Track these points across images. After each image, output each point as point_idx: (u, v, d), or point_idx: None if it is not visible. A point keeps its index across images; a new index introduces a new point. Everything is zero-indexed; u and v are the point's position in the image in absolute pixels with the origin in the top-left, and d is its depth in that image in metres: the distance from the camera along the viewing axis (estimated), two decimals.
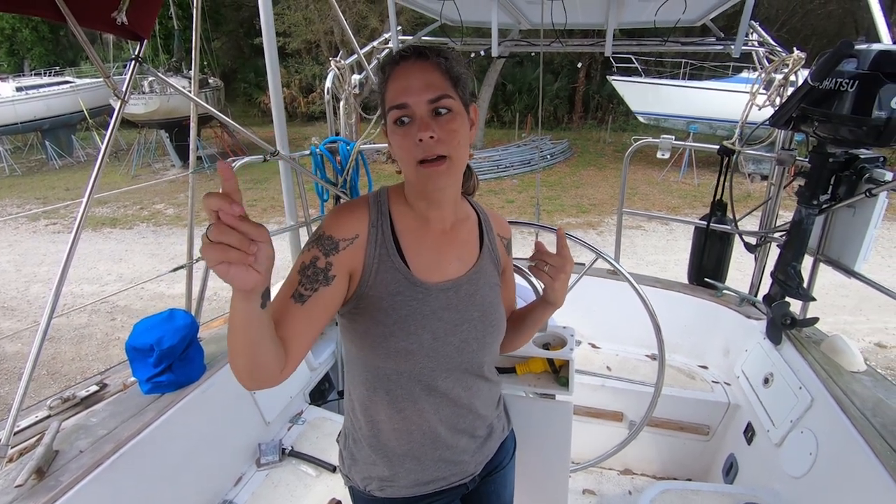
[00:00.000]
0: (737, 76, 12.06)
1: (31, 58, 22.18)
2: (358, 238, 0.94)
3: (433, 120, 0.87)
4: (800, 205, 1.95)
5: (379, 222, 0.96)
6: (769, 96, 2.34)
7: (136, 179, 13.91)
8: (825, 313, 2.23)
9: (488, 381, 1.11)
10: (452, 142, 0.88)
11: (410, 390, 1.00)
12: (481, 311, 1.03)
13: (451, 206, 1.02)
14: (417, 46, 0.90)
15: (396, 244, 0.96)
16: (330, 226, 0.94)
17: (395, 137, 0.90)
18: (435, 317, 0.97)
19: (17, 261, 8.45)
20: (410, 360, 0.96)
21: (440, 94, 0.87)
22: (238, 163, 2.14)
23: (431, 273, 0.98)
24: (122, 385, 1.70)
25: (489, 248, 1.08)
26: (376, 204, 0.99)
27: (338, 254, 0.91)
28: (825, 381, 1.76)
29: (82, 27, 1.38)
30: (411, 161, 0.88)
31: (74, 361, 5.45)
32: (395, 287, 0.95)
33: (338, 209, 0.98)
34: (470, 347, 1.01)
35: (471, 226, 1.08)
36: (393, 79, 0.89)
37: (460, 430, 1.08)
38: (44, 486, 1.26)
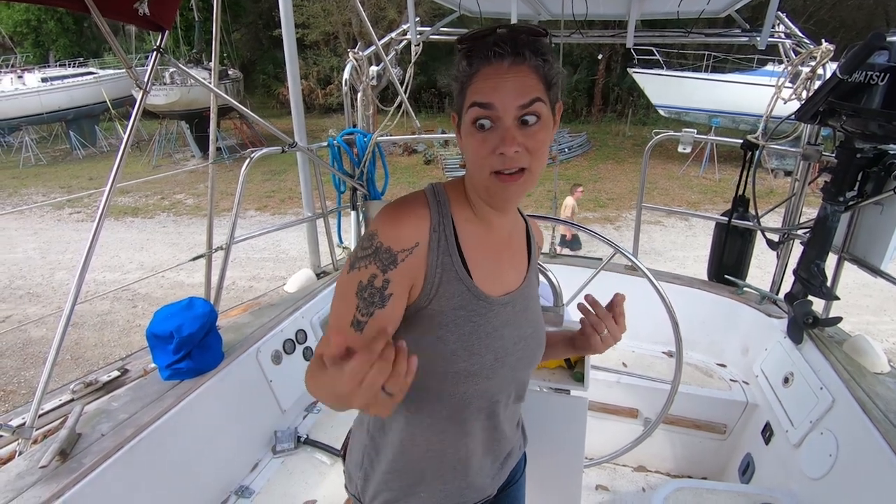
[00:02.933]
0: (761, 69, 11.82)
1: (56, 49, 22.60)
2: (418, 246, 0.82)
3: (519, 130, 0.76)
4: (825, 201, 1.91)
5: (441, 226, 0.85)
6: (795, 90, 2.28)
7: (157, 169, 14.15)
8: (848, 313, 2.18)
9: (520, 402, 1.04)
10: (536, 154, 0.78)
11: (459, 412, 0.91)
12: (534, 328, 0.96)
13: (512, 215, 0.94)
14: (515, 40, 0.76)
15: (459, 251, 0.86)
16: (387, 234, 0.81)
17: (470, 140, 0.79)
18: (497, 335, 0.88)
19: (42, 248, 8.66)
20: (469, 382, 0.87)
21: (533, 99, 0.76)
22: (257, 154, 2.16)
23: (493, 285, 0.89)
24: (143, 371, 1.73)
25: (534, 257, 1.01)
26: (436, 204, 0.86)
27: (396, 268, 0.80)
28: (847, 381, 1.72)
29: (106, 18, 1.39)
30: (486, 171, 0.79)
31: (97, 347, 5.59)
32: (458, 300, 0.84)
33: (393, 212, 0.83)
34: (522, 366, 0.94)
35: (521, 233, 0.99)
36: (482, 75, 0.77)
37: (490, 453, 1.01)
38: (67, 468, 1.29)
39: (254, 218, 9.90)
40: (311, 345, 2.28)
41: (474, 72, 0.78)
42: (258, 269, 7.31)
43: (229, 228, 2.05)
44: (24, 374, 5.14)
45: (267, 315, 2.17)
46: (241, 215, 2.11)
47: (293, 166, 2.77)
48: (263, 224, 9.10)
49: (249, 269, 7.28)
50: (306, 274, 2.57)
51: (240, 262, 7.35)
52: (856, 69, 1.58)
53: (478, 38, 0.79)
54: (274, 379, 2.02)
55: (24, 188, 12.91)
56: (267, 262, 7.56)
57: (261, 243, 7.98)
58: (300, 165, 2.62)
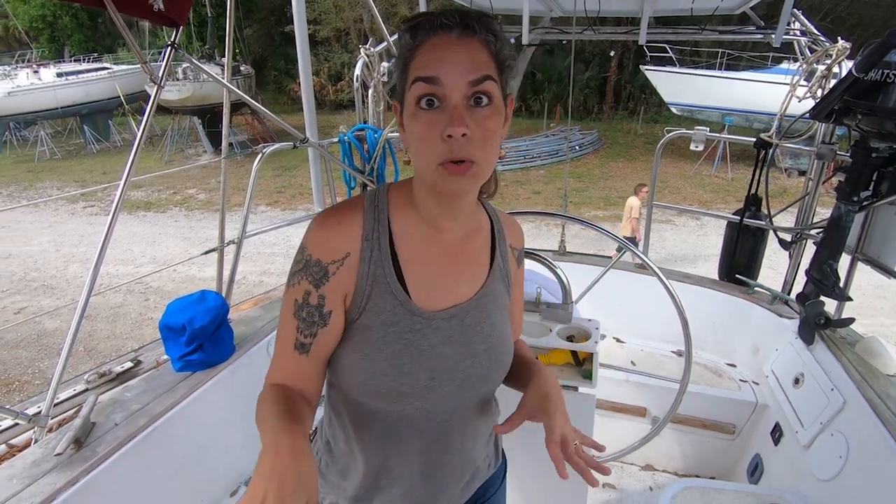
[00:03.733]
0: (776, 67, 11.67)
1: (71, 44, 22.87)
2: (349, 257, 0.77)
3: (469, 111, 0.68)
4: (839, 201, 1.88)
5: (375, 234, 0.78)
6: (810, 88, 2.26)
7: (169, 164, 14.28)
8: (861, 315, 2.16)
9: (486, 416, 0.95)
10: (486, 144, 0.70)
11: (398, 431, 0.85)
12: (488, 344, 0.85)
13: (466, 215, 0.84)
14: (463, 14, 0.69)
15: (395, 262, 0.79)
16: (316, 245, 0.76)
17: (415, 124, 0.70)
18: (435, 353, 0.80)
19: (56, 241, 8.79)
20: (401, 401, 0.80)
21: (484, 75, 0.68)
22: (268, 149, 2.18)
23: (435, 298, 0.81)
24: (156, 362, 1.76)
25: (500, 264, 0.90)
26: (373, 209, 0.80)
27: (328, 282, 0.76)
28: (859, 383, 1.70)
29: (121, 13, 1.41)
30: (432, 159, 0.69)
31: (109, 339, 5.67)
32: (389, 315, 0.78)
33: (323, 221, 0.78)
34: (472, 385, 0.85)
35: (483, 237, 0.89)
36: (427, 47, 0.69)
37: (444, 477, 0.92)
38: (81, 456, 1.32)
39: (265, 213, 9.96)
40: None
41: (418, 44, 0.70)
42: (269, 264, 7.37)
43: (241, 223, 2.07)
44: (38, 365, 5.22)
45: (278, 309, 2.17)
46: (252, 210, 2.13)
47: (304, 162, 2.78)
48: (274, 219, 9.16)
49: (260, 264, 7.34)
50: None
51: (251, 256, 7.40)
52: (872, 67, 1.56)
53: (421, 15, 0.72)
54: None
55: (39, 182, 13.09)
56: (277, 256, 7.61)
57: (271, 238, 8.03)
58: (311, 161, 2.64)
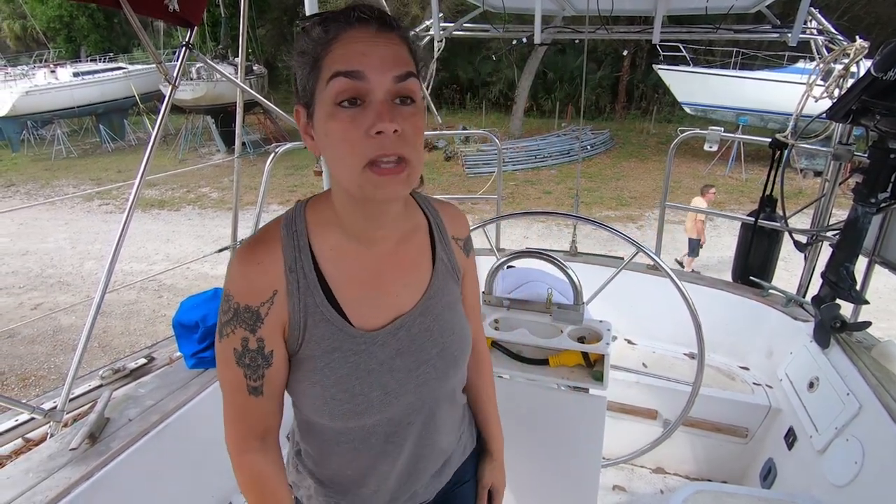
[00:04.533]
0: (791, 66, 11.50)
1: (88, 44, 23.22)
2: (277, 294, 0.73)
3: (394, 110, 0.64)
4: (856, 202, 1.85)
5: (297, 263, 0.74)
6: (827, 87, 2.23)
7: (183, 163, 14.43)
8: (878, 318, 2.13)
9: (455, 404, 0.95)
10: (417, 142, 0.67)
11: (364, 442, 0.84)
12: (441, 346, 0.84)
13: (397, 220, 0.80)
14: (381, 10, 0.66)
15: (324, 286, 0.75)
16: (240, 290, 0.73)
17: (333, 123, 0.64)
18: (384, 369, 0.79)
19: (72, 238, 8.92)
20: (359, 419, 0.79)
21: (408, 72, 0.65)
22: (281, 149, 2.19)
23: (374, 315, 0.79)
24: (169, 359, 1.78)
25: (444, 260, 0.86)
26: (290, 236, 0.75)
27: (263, 325, 0.73)
28: (875, 387, 1.68)
29: (136, 14, 1.43)
30: (357, 161, 0.64)
31: (123, 335, 5.74)
32: (329, 342, 0.76)
33: (240, 263, 0.74)
34: (430, 388, 0.84)
35: (420, 238, 0.85)
36: (344, 40, 0.64)
37: (418, 471, 0.92)
38: (95, 451, 1.34)
39: (277, 212, 9.96)
40: None
41: (332, 38, 0.64)
42: None
43: (254, 222, 2.09)
44: (53, 360, 5.31)
45: None
46: (264, 209, 2.15)
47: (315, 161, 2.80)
48: None
49: None
50: None
51: None
52: (891, 67, 1.53)
53: (329, 11, 0.67)
54: None
55: (55, 180, 13.30)
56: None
57: None
58: (322, 160, 2.65)
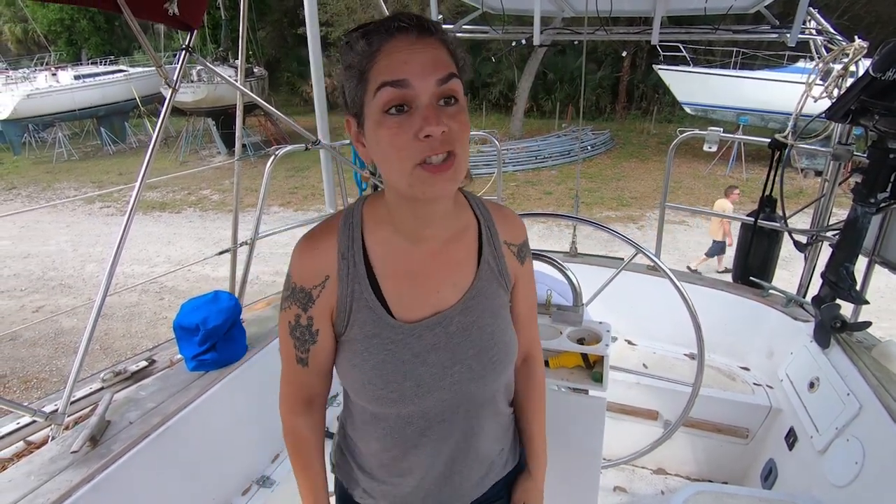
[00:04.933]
0: (791, 66, 11.50)
1: (88, 47, 23.26)
2: (329, 279, 0.80)
3: (439, 111, 0.68)
4: (856, 202, 1.85)
5: (350, 253, 0.80)
6: (826, 87, 2.23)
7: (184, 165, 14.45)
8: (880, 318, 2.13)
9: (498, 414, 0.97)
10: (462, 138, 0.70)
11: (401, 433, 0.87)
12: (478, 348, 0.85)
13: (446, 219, 0.83)
14: (418, 17, 0.69)
15: (371, 277, 0.81)
16: (297, 272, 0.81)
17: (382, 130, 0.68)
18: (418, 361, 0.82)
19: (74, 241, 8.93)
20: (394, 406, 0.84)
21: (450, 73, 0.68)
22: (281, 151, 2.20)
23: (414, 308, 0.83)
24: (170, 361, 1.78)
25: (490, 263, 0.88)
26: (347, 227, 0.82)
27: (314, 305, 0.81)
28: (875, 388, 1.67)
29: (136, 18, 1.43)
30: (407, 163, 0.68)
31: (125, 338, 5.75)
32: (370, 328, 0.81)
33: (301, 248, 0.82)
34: (466, 389, 0.86)
35: (469, 239, 0.87)
36: (386, 51, 0.67)
37: (455, 474, 0.94)
38: (96, 454, 1.34)
39: (277, 214, 10.04)
40: None
41: (376, 49, 0.68)
42: (281, 264, 7.42)
43: (254, 224, 2.09)
44: (55, 363, 5.31)
45: None
46: (265, 211, 2.15)
47: (316, 163, 2.81)
48: (287, 220, 9.22)
49: (273, 265, 7.39)
50: None
51: (263, 256, 7.46)
52: (890, 67, 1.53)
53: (370, 22, 0.70)
54: None
55: (56, 183, 13.32)
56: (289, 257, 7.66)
57: (284, 239, 8.06)
58: (323, 163, 2.65)
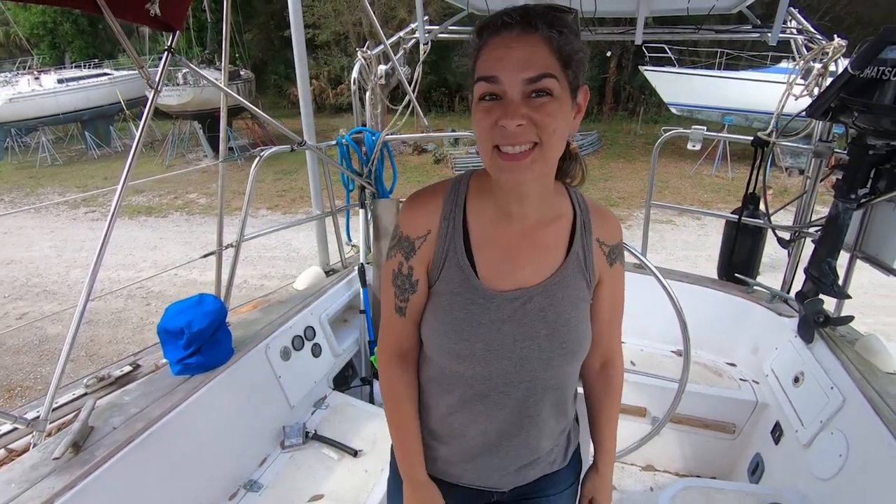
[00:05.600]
0: (775, 66, 11.66)
1: (72, 51, 22.94)
2: (430, 234, 0.89)
3: (527, 102, 0.73)
4: (837, 199, 1.88)
5: (452, 214, 0.88)
6: (807, 86, 2.26)
7: (170, 169, 14.29)
8: (863, 313, 2.16)
9: (559, 413, 0.99)
10: (547, 128, 0.74)
11: (462, 393, 0.93)
12: (551, 329, 0.89)
13: (538, 202, 0.88)
14: (527, 11, 0.73)
15: (466, 240, 0.88)
16: (405, 223, 0.90)
17: (477, 112, 0.77)
18: (494, 328, 0.87)
19: (58, 246, 8.79)
20: (461, 363, 0.90)
21: (542, 73, 0.72)
22: (266, 153, 2.18)
23: (499, 278, 0.88)
24: (154, 366, 1.76)
25: (578, 255, 0.92)
26: (454, 192, 0.90)
27: (415, 255, 0.89)
28: (858, 381, 1.70)
29: (118, 19, 1.42)
30: (487, 144, 0.76)
31: (111, 344, 5.67)
32: (456, 286, 0.88)
33: (412, 200, 0.92)
34: (531, 367, 0.90)
35: (561, 227, 0.92)
36: (489, 47, 0.74)
37: (501, 449, 0.98)
38: (79, 460, 1.32)
39: (265, 217, 9.96)
40: (320, 341, 2.29)
41: (482, 44, 0.76)
42: (269, 268, 7.37)
43: (239, 227, 2.07)
44: (39, 370, 5.22)
45: (276, 312, 2.19)
46: (253, 214, 2.13)
47: (304, 165, 2.79)
48: (275, 223, 9.16)
49: (260, 268, 7.33)
50: (315, 271, 2.59)
51: (251, 260, 7.41)
52: (867, 64, 1.56)
53: (493, 19, 0.76)
54: (283, 375, 2.04)
55: (40, 188, 13.11)
56: (278, 260, 7.61)
57: (272, 242, 8.04)
58: (309, 164, 2.64)
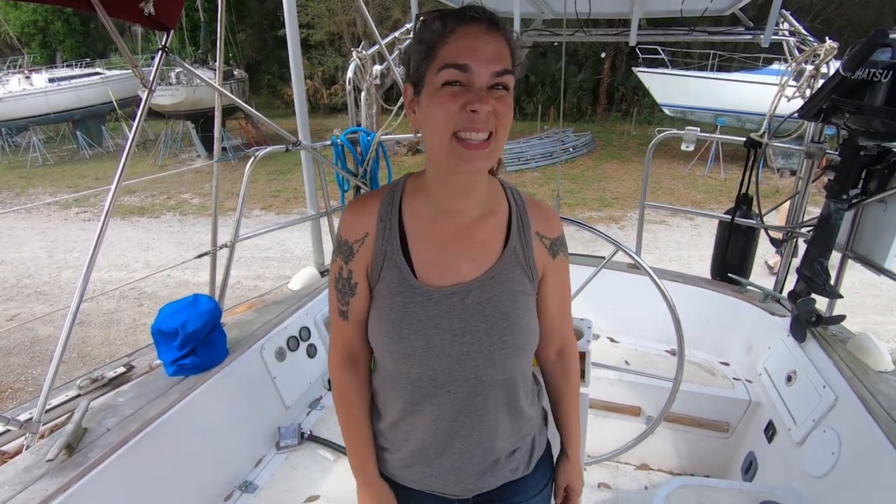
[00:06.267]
0: (767, 68, 11.74)
1: (63, 49, 22.74)
2: (367, 237, 0.90)
3: (488, 93, 0.76)
4: (828, 199, 1.90)
5: (388, 215, 0.90)
6: (799, 87, 2.28)
7: (163, 169, 14.21)
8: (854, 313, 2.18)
9: (514, 410, 0.97)
10: (504, 119, 0.78)
11: (411, 394, 0.93)
12: (490, 323, 0.89)
13: (477, 198, 0.90)
14: (490, 13, 0.78)
15: (403, 240, 0.90)
16: (343, 227, 0.92)
17: (438, 96, 0.76)
18: (432, 324, 0.88)
19: (49, 247, 8.72)
20: (404, 363, 0.90)
21: (505, 69, 0.77)
22: (261, 153, 2.18)
23: (437, 275, 0.89)
24: (148, 367, 1.75)
25: (516, 249, 0.92)
26: (390, 195, 0.92)
27: (353, 258, 0.91)
28: (850, 379, 1.72)
29: (111, 18, 1.41)
30: (447, 131, 0.77)
31: (103, 345, 5.62)
32: (395, 286, 0.89)
33: (351, 205, 0.94)
34: (474, 362, 0.89)
35: (498, 222, 0.93)
36: (458, 35, 0.76)
37: (453, 451, 0.96)
38: (73, 462, 1.31)
39: (259, 217, 9.92)
40: (315, 342, 2.29)
41: (448, 31, 0.76)
42: (263, 269, 7.34)
43: (233, 227, 2.07)
44: (31, 372, 5.18)
45: (271, 312, 2.18)
46: (247, 215, 2.13)
47: (298, 166, 2.79)
48: (269, 223, 9.13)
49: (255, 268, 7.31)
50: (310, 272, 2.58)
51: (245, 261, 7.37)
52: (858, 66, 1.58)
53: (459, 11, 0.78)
54: (278, 375, 2.03)
55: (31, 188, 13.00)
56: (272, 261, 7.59)
57: (266, 242, 8.01)
58: (304, 164, 2.63)
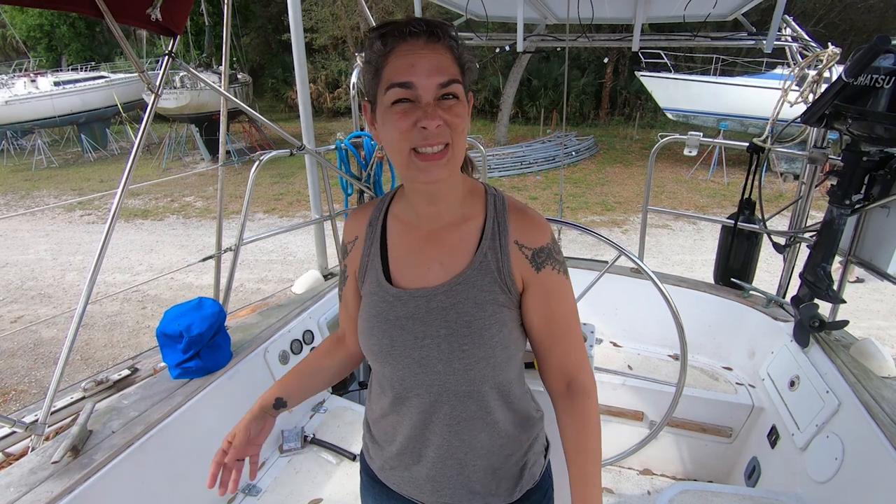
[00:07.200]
0: (770, 72, 11.73)
1: (69, 53, 22.91)
2: (358, 239, 1.00)
3: (438, 105, 0.78)
4: (831, 204, 1.90)
5: (376, 221, 0.98)
6: (802, 93, 2.28)
7: (167, 172, 14.26)
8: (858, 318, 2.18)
9: (491, 427, 0.94)
10: (457, 128, 0.80)
11: (389, 395, 0.97)
12: (451, 330, 0.88)
13: (450, 203, 0.91)
14: (429, 23, 0.78)
15: (384, 244, 0.96)
16: (344, 232, 1.05)
17: (390, 115, 0.79)
18: (398, 325, 0.90)
19: (53, 250, 8.76)
20: (375, 360, 0.96)
21: (450, 79, 0.78)
22: (265, 157, 2.19)
23: (408, 277, 0.93)
24: (153, 370, 1.76)
25: (487, 257, 0.89)
26: (382, 201, 1.00)
27: (347, 257, 1.03)
28: (853, 385, 1.71)
29: (118, 23, 1.42)
30: (405, 147, 0.79)
31: (107, 348, 5.64)
32: (373, 287, 0.95)
33: (350, 213, 1.05)
34: (434, 368, 0.89)
35: (471, 228, 0.92)
36: (398, 53, 0.78)
37: (428, 460, 0.95)
38: (78, 464, 1.32)
39: (262, 220, 9.95)
40: (318, 345, 2.29)
41: (389, 50, 0.78)
42: (266, 272, 7.36)
43: (238, 230, 2.08)
44: (35, 374, 5.20)
45: (275, 315, 2.19)
46: (250, 218, 2.14)
47: (301, 169, 2.80)
48: (272, 226, 9.15)
49: (258, 272, 7.33)
50: (314, 275, 2.59)
51: (248, 264, 7.39)
52: (861, 72, 1.58)
53: (389, 23, 0.80)
54: None
55: (36, 190, 13.06)
56: (275, 264, 7.60)
57: (269, 245, 8.03)
58: (308, 168, 2.65)
